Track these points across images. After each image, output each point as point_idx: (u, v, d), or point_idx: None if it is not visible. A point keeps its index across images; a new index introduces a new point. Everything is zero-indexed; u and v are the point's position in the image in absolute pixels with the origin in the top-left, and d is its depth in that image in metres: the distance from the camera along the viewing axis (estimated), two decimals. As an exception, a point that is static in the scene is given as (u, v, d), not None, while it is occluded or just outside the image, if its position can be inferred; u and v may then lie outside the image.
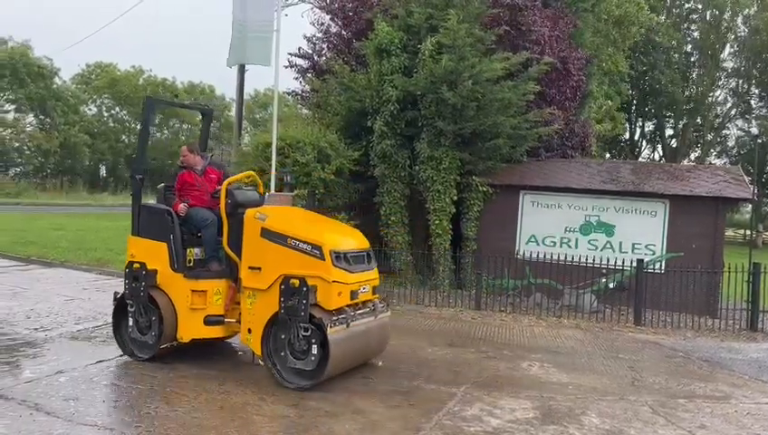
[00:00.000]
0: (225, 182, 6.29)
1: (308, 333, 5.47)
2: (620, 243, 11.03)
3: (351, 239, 6.13)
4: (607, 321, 9.56)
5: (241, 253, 5.91)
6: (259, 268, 5.74)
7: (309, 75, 14.52)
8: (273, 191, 10.70)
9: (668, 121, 38.30)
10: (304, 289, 5.38)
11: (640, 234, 10.96)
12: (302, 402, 5.23)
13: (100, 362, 6.11)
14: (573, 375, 6.58)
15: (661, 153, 39.38)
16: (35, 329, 7.28)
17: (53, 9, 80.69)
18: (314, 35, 14.81)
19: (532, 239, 11.41)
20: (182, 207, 6.36)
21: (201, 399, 5.19)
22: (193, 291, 6.08)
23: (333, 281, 5.50)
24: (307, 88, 15.09)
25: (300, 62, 14.86)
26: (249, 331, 5.77)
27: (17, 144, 44.14)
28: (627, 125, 36.15)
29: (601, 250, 10.97)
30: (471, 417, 5.09)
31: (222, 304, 6.09)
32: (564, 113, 13.06)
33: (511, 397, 5.70)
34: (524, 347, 7.79)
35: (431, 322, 9.01)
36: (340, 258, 5.64)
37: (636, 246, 10.94)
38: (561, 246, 11.16)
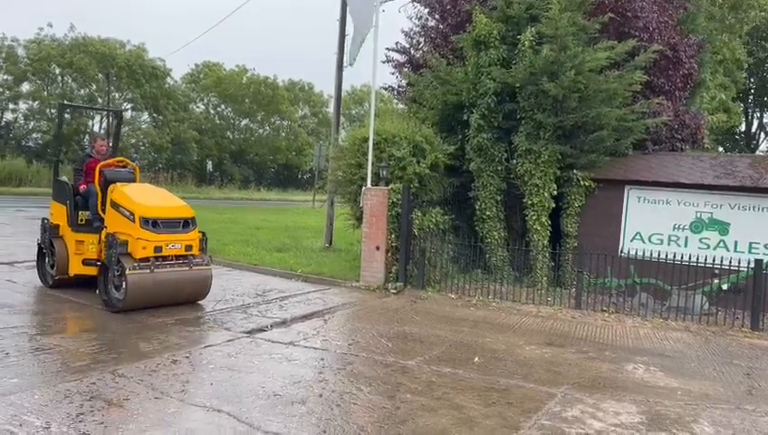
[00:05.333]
0: (100, 164, 8.57)
1: (119, 274, 7.62)
2: (735, 242, 10.29)
3: (168, 211, 8.07)
4: (719, 324, 8.95)
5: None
6: (106, 227, 8.06)
7: (405, 70, 14.56)
8: (369, 185, 10.89)
9: (791, 112, 35.33)
10: (114, 242, 7.56)
11: (759, 232, 10.15)
12: (399, 395, 5.26)
13: (209, 346, 6.44)
14: (682, 380, 6.21)
15: (782, 146, 36.45)
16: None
17: (166, 13, 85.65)
18: (411, 29, 14.85)
19: (638, 236, 10.87)
20: (83, 187, 8.70)
21: (300, 386, 5.35)
22: (76, 241, 8.52)
23: (138, 238, 7.59)
24: (403, 82, 15.16)
25: (396, 56, 14.96)
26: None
27: (134, 140, 47.33)
28: (743, 116, 33.68)
29: (714, 249, 10.28)
30: (572, 418, 4.93)
31: (95, 251, 8.32)
32: (674, 104, 12.33)
33: (614, 400, 5.46)
34: (628, 349, 7.44)
35: (528, 320, 8.80)
36: (148, 222, 7.69)
37: (753, 245, 10.16)
38: (669, 245, 10.56)
